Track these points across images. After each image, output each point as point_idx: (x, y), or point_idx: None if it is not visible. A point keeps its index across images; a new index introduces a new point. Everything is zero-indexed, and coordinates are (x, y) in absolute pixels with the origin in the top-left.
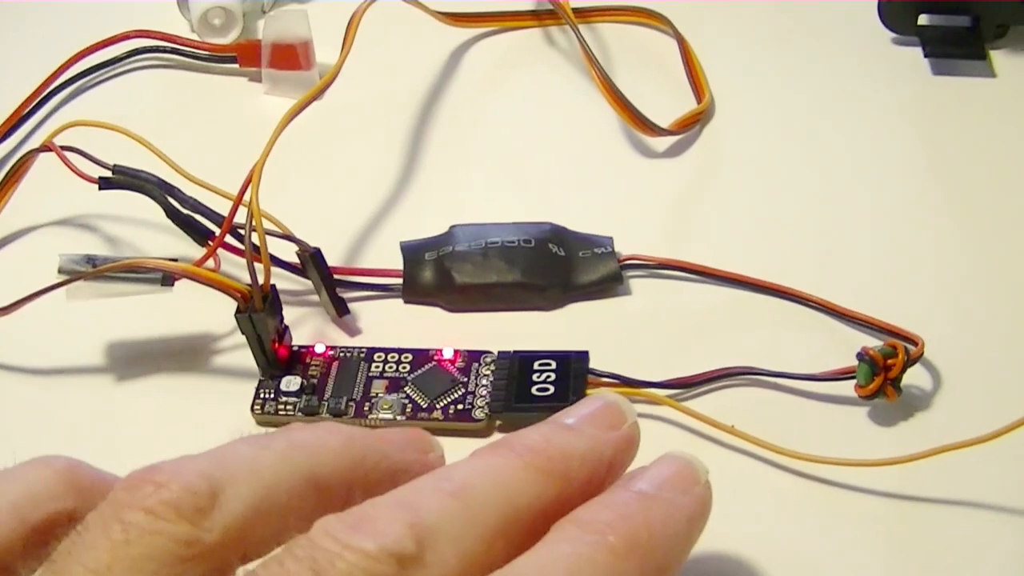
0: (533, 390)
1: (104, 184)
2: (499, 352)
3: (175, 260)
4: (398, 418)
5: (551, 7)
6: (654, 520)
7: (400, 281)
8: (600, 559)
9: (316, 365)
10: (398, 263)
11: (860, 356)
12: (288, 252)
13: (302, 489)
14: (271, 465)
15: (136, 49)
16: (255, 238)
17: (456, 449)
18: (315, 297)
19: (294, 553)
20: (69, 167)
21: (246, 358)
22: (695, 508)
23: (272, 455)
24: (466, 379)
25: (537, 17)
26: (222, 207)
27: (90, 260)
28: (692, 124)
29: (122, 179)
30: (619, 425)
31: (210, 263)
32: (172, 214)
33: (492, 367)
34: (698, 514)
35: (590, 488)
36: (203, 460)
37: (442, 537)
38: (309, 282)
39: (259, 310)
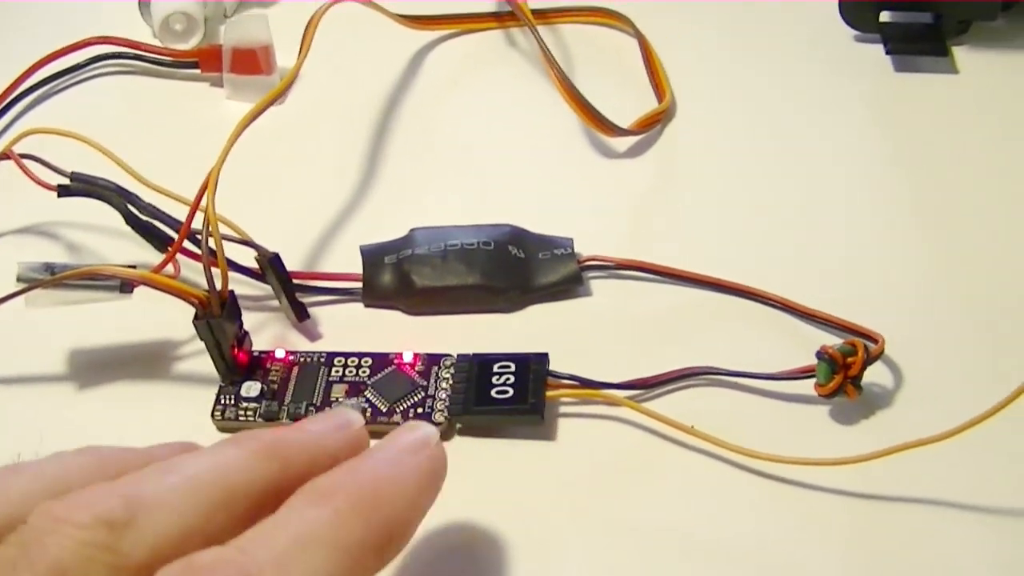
0: (492, 392)
1: (63, 192)
2: (458, 355)
3: (134, 267)
4: None
5: (511, 9)
6: (381, 479)
7: (360, 285)
8: (325, 518)
9: (276, 370)
10: (358, 267)
11: (819, 355)
12: (247, 257)
13: (45, 494)
14: (20, 487)
15: (98, 56)
16: (212, 243)
17: None
18: (275, 302)
19: (8, 540)
20: (28, 175)
21: (206, 364)
22: (423, 466)
23: (23, 478)
24: (426, 382)
25: (497, 19)
26: (181, 213)
27: (48, 268)
28: (653, 124)
29: (80, 186)
30: (348, 428)
31: (169, 269)
32: (131, 221)
33: (452, 370)
34: (427, 471)
35: (312, 472)
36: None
37: (156, 506)
38: (269, 287)
39: (217, 316)
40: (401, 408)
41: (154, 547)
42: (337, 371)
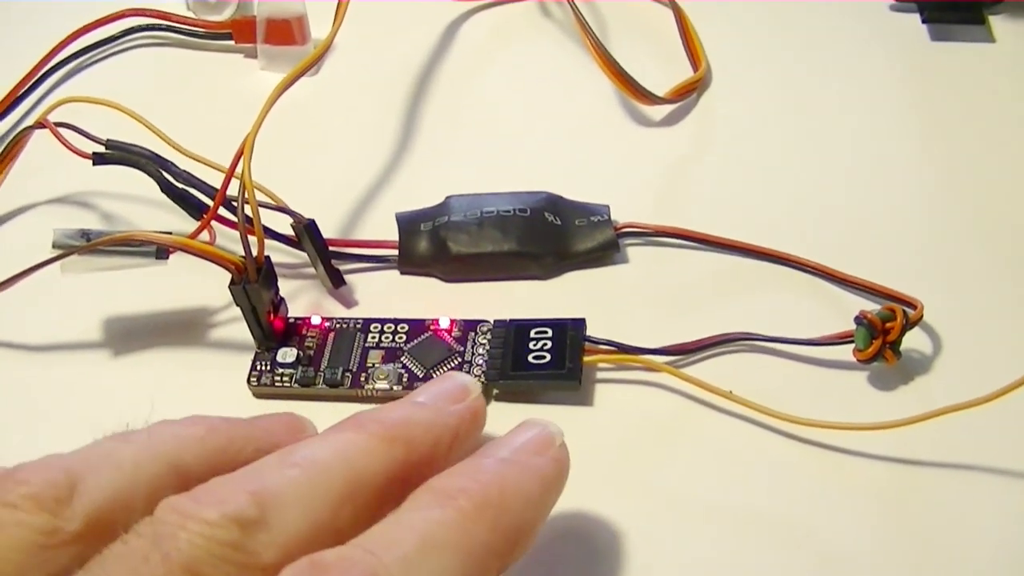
0: (530, 358)
1: (98, 159)
2: (495, 321)
3: (169, 233)
4: (395, 388)
5: None
6: (506, 482)
7: (396, 252)
8: (451, 521)
9: (312, 337)
10: (394, 234)
11: (858, 320)
12: (283, 224)
13: (164, 477)
14: (131, 456)
15: (132, 27)
16: (248, 210)
17: None
18: (310, 269)
19: (138, 531)
20: (63, 143)
21: (242, 330)
22: (549, 469)
23: (132, 447)
24: (462, 348)
25: None
26: (216, 180)
27: (84, 234)
28: (689, 93)
29: (116, 154)
30: (464, 398)
31: (204, 236)
32: (166, 188)
33: (488, 336)
34: (552, 474)
35: (437, 453)
36: (65, 456)
37: (285, 503)
38: (304, 254)
39: (253, 282)
40: (438, 374)
41: (284, 547)
42: (373, 337)
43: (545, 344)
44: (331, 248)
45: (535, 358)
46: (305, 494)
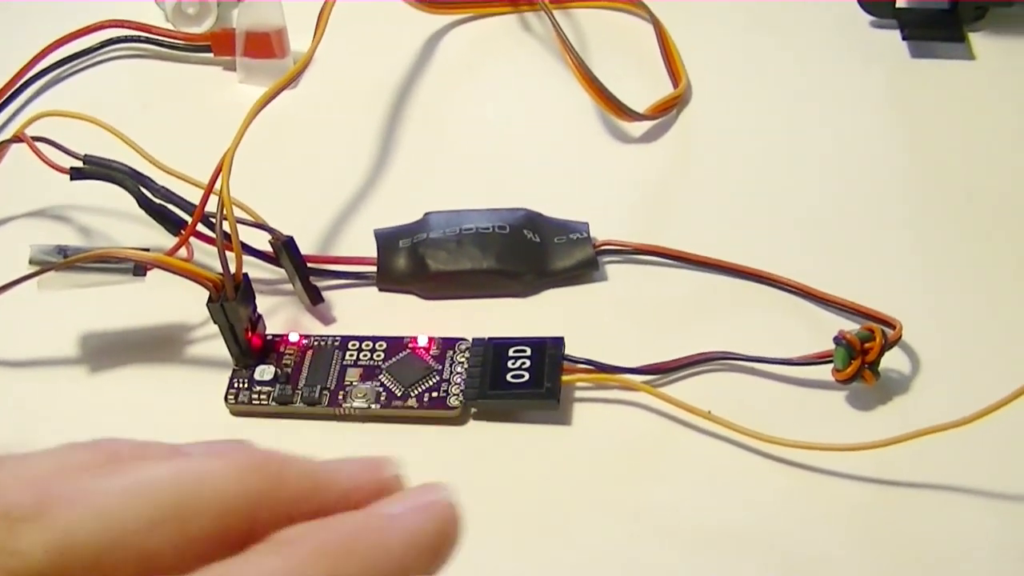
0: (508, 376)
1: (76, 174)
2: (474, 339)
3: (147, 250)
4: (372, 406)
5: None
6: (360, 532)
7: (374, 269)
8: (279, 569)
9: (290, 354)
10: (372, 251)
11: (837, 340)
12: (261, 241)
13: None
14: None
15: (111, 39)
16: (226, 226)
17: (432, 437)
18: (289, 286)
19: None
20: (41, 158)
21: (219, 348)
22: (422, 526)
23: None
24: (441, 366)
25: (512, 3)
26: (195, 196)
27: (61, 251)
28: (669, 109)
29: (94, 169)
30: (372, 469)
31: (182, 252)
32: (144, 204)
33: (467, 354)
34: (429, 532)
35: (313, 498)
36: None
37: (78, 505)
38: (283, 271)
39: (231, 299)
40: (416, 392)
41: (59, 550)
42: (351, 355)
43: (523, 363)
44: (309, 265)
45: (513, 377)
46: (110, 501)
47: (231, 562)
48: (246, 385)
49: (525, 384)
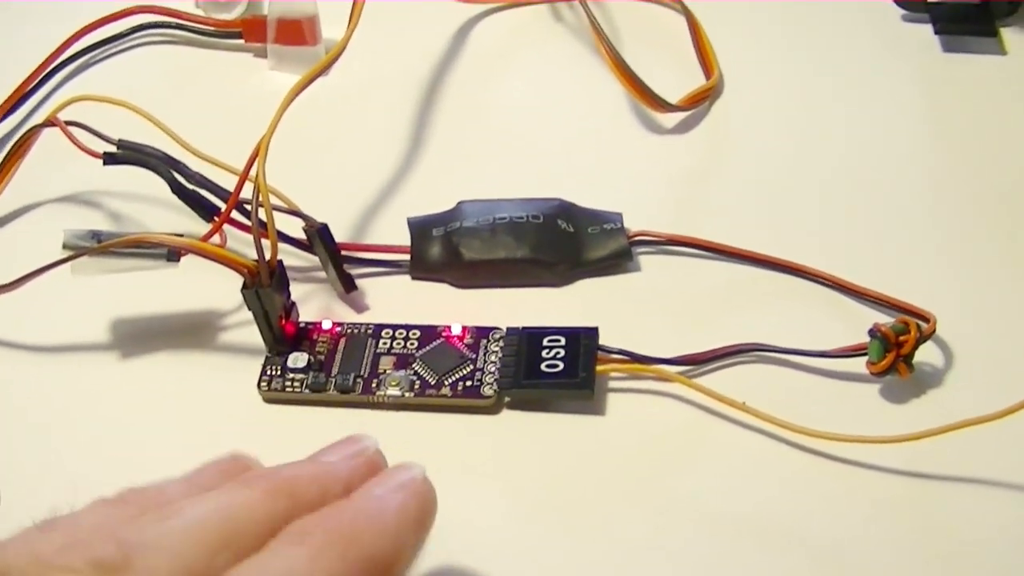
0: (542, 366)
1: (109, 159)
2: (508, 328)
3: (181, 235)
4: (406, 395)
5: None
6: (358, 515)
7: (408, 257)
8: (302, 556)
9: (323, 341)
10: (406, 239)
11: (872, 333)
12: (295, 228)
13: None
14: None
15: (141, 24)
16: (262, 213)
17: (465, 426)
18: (322, 273)
19: None
20: (74, 142)
21: (253, 334)
22: (407, 502)
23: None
24: (475, 355)
25: None
26: (228, 183)
27: (95, 235)
28: (701, 100)
29: (127, 154)
30: (362, 454)
31: (216, 239)
32: (178, 190)
33: (501, 343)
34: (411, 507)
35: (326, 502)
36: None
37: (153, 549)
38: (316, 258)
39: (266, 286)
40: (449, 381)
41: None
42: (385, 343)
43: (558, 352)
44: (343, 252)
45: (548, 366)
46: (176, 541)
47: (262, 556)
48: (279, 372)
49: (559, 374)
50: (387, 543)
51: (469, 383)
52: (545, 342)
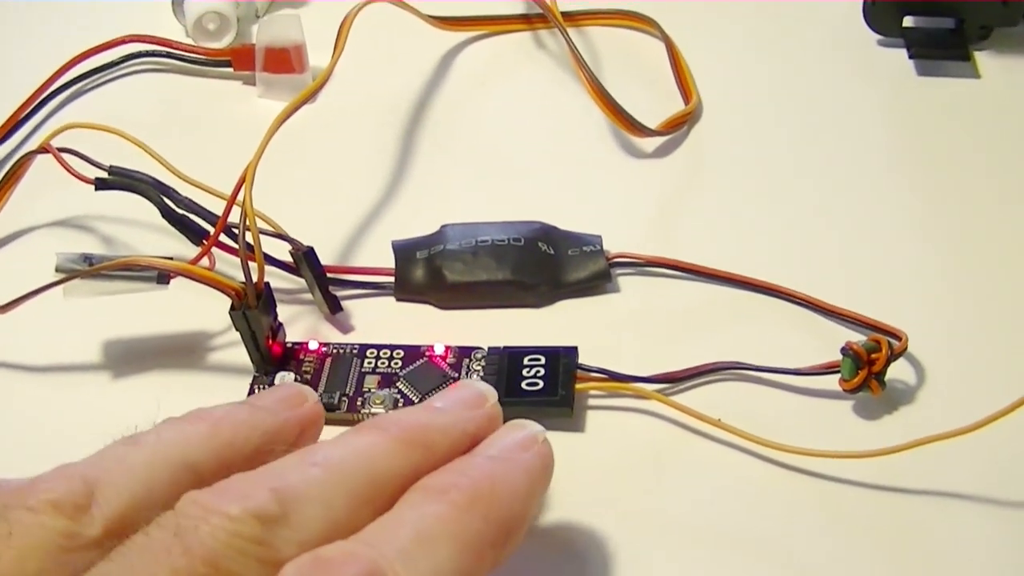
0: (523, 385)
1: (100, 185)
2: (489, 348)
3: (170, 259)
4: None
5: (540, 11)
6: (495, 476)
7: (392, 279)
8: (444, 514)
9: (309, 361)
10: (390, 262)
11: (844, 351)
12: (282, 251)
13: (178, 475)
14: (143, 459)
15: (132, 53)
16: (249, 237)
17: None
18: (308, 295)
19: (160, 523)
20: (66, 168)
21: (240, 355)
22: (534, 462)
23: (143, 450)
24: (457, 374)
25: (527, 21)
26: (217, 207)
27: (87, 259)
28: (680, 125)
29: (118, 180)
30: (482, 405)
31: (205, 262)
32: (167, 214)
33: (482, 362)
34: (538, 468)
35: (454, 457)
36: (80, 464)
37: (306, 501)
38: (302, 280)
39: (253, 307)
40: None
41: (303, 544)
42: (370, 363)
43: (538, 371)
44: (329, 275)
45: (528, 385)
46: (325, 493)
47: (405, 512)
48: None
49: (540, 392)
50: (519, 502)
51: None
52: (526, 361)
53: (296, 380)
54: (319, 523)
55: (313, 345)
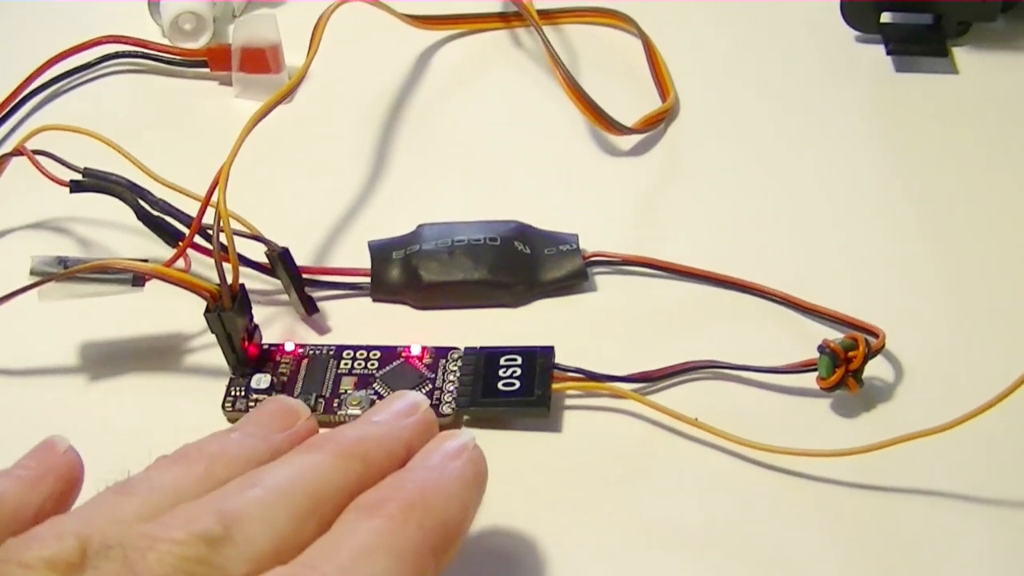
0: (499, 385)
1: (75, 187)
2: (466, 348)
3: (146, 261)
4: None
5: (516, 9)
6: (426, 486)
7: (368, 280)
8: (380, 527)
9: (286, 363)
10: (366, 262)
11: (821, 349)
12: (257, 252)
13: None
14: (135, 511)
15: (108, 54)
16: (223, 238)
17: None
18: (284, 296)
19: (107, 555)
20: (40, 171)
21: (217, 357)
22: (465, 469)
23: (135, 500)
24: (433, 375)
25: (503, 19)
26: (192, 208)
27: (61, 261)
28: (657, 123)
29: (93, 182)
30: (415, 412)
31: (180, 263)
32: (142, 216)
33: (459, 363)
34: (469, 474)
35: (391, 465)
36: (72, 520)
37: (248, 520)
38: (278, 281)
39: (228, 309)
40: None
41: (250, 560)
42: (346, 364)
43: (515, 371)
44: (304, 276)
45: (505, 385)
46: (268, 512)
47: (343, 531)
48: (243, 393)
49: (516, 392)
50: (453, 509)
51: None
52: (502, 361)
53: (272, 382)
54: (264, 539)
55: (289, 346)
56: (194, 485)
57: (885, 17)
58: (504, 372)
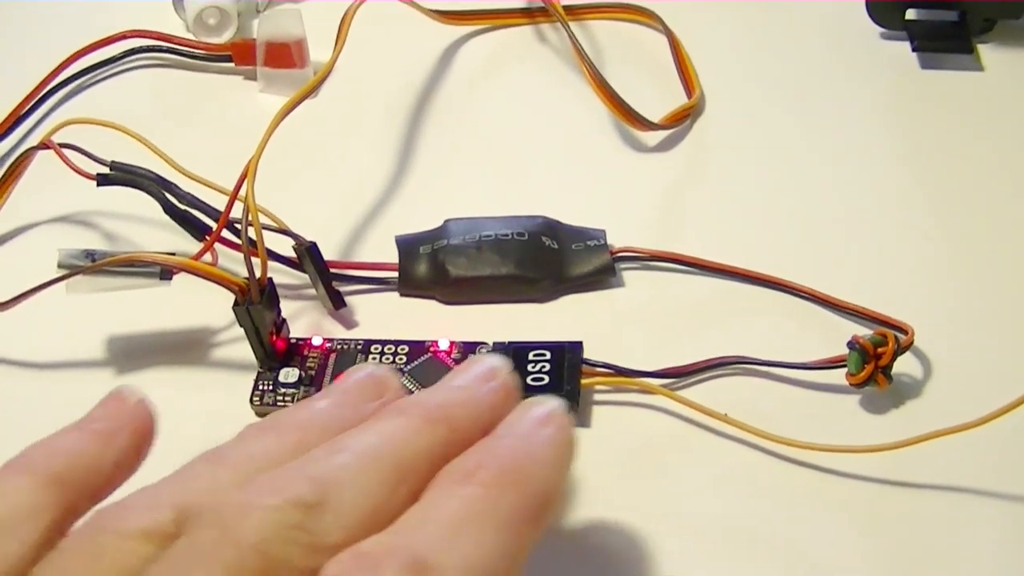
0: (528, 380)
1: (102, 180)
2: (494, 343)
3: (173, 254)
4: None
5: (543, 5)
6: (517, 452)
7: (395, 274)
8: (475, 495)
9: (313, 357)
10: (393, 257)
11: (851, 345)
12: (285, 246)
13: None
14: (230, 480)
15: (133, 49)
16: (251, 232)
17: None
18: (312, 291)
19: (202, 523)
20: (67, 164)
21: (244, 350)
22: (557, 435)
23: (228, 470)
24: None
25: (529, 15)
26: (219, 202)
27: (89, 255)
28: (683, 119)
29: (120, 175)
30: (496, 377)
31: (207, 257)
32: (169, 210)
33: None
34: (561, 439)
35: (476, 430)
36: (168, 489)
37: (340, 485)
38: (306, 276)
39: (256, 303)
40: None
41: (347, 528)
42: (373, 358)
43: (543, 367)
44: (332, 270)
45: (533, 380)
46: (358, 477)
47: (433, 498)
48: (271, 387)
49: (545, 387)
50: (550, 476)
51: None
52: (530, 356)
53: (300, 376)
54: (357, 507)
55: (317, 341)
56: (286, 455)
57: (910, 14)
58: (533, 367)
